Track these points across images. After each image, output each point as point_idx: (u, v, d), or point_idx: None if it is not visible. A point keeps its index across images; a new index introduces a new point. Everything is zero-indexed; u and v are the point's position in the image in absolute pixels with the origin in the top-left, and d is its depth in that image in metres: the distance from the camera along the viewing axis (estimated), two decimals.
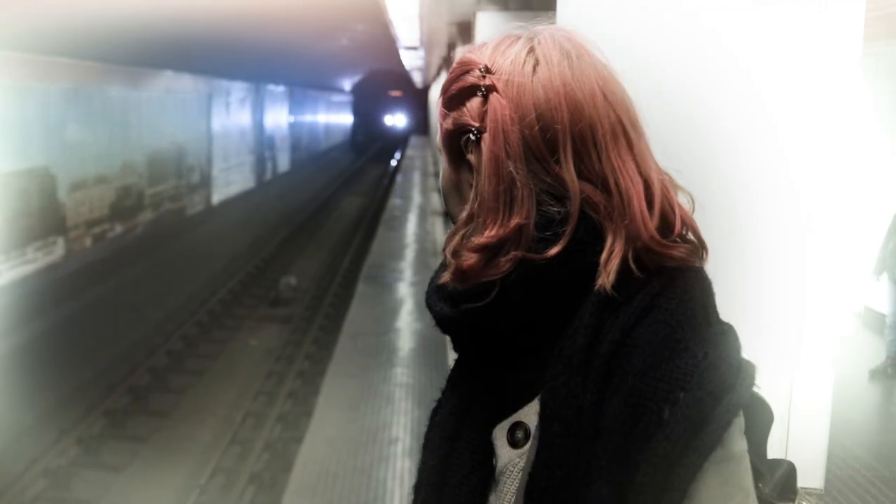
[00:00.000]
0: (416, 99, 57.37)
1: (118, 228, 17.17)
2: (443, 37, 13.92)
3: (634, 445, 1.03)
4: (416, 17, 11.46)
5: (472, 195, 1.16)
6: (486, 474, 1.19)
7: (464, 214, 1.17)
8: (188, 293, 15.46)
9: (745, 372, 1.07)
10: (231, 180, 26.13)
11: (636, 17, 2.73)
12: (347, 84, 55.88)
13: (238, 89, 26.89)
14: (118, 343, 12.23)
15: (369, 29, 16.28)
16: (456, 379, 1.30)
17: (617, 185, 1.11)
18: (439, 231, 17.55)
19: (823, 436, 1.94)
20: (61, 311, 13.17)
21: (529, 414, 1.15)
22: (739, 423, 1.06)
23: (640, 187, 1.12)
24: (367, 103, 66.01)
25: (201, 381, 11.50)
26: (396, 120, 69.60)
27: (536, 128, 1.11)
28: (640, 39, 1.94)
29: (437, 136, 1.25)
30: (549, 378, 1.10)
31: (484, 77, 1.15)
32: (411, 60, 23.30)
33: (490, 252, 1.12)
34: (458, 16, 10.36)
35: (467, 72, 1.18)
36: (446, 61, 16.77)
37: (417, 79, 36.55)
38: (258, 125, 30.26)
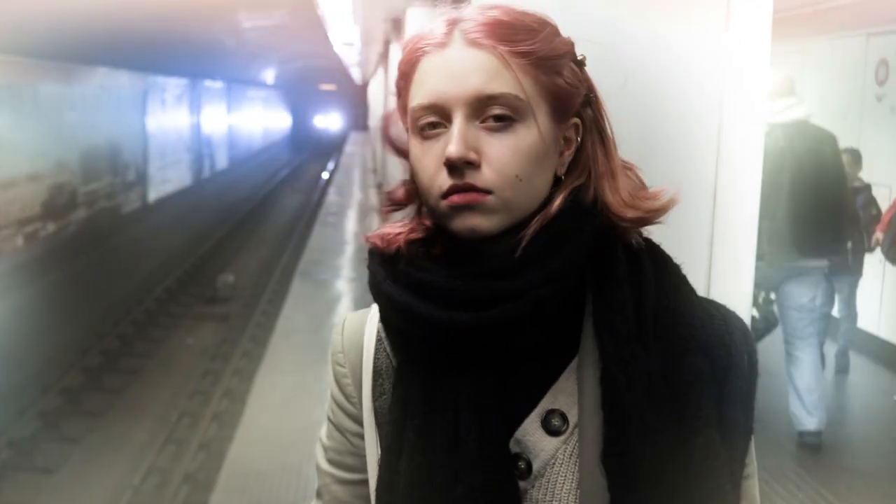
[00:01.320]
0: (355, 95, 53.08)
1: (51, 227, 16.92)
2: (379, 33, 13.92)
3: (716, 389, 1.15)
4: (350, 14, 11.44)
5: (599, 156, 1.19)
6: (513, 476, 1.14)
7: (576, 177, 1.19)
8: (124, 292, 15.27)
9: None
10: (168, 178, 25.86)
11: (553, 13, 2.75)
12: (281, 79, 49.92)
13: (174, 86, 26.61)
14: (51, 343, 12.05)
15: (303, 23, 16.20)
16: (422, 388, 1.16)
17: None
18: (375, 227, 17.51)
19: None
20: None
21: (559, 397, 1.15)
22: None
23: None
24: (294, 101, 59.79)
25: (137, 381, 11.38)
26: (329, 121, 62.33)
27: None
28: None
29: (519, 88, 1.11)
30: (611, 353, 1.11)
31: (574, 46, 1.20)
32: (349, 57, 23.23)
33: None
34: (391, 12, 10.38)
35: (556, 35, 1.17)
36: (383, 57, 16.75)
37: (356, 74, 36.37)
38: (195, 122, 29.94)
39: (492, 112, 1.09)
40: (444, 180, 1.10)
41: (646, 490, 1.08)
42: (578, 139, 1.18)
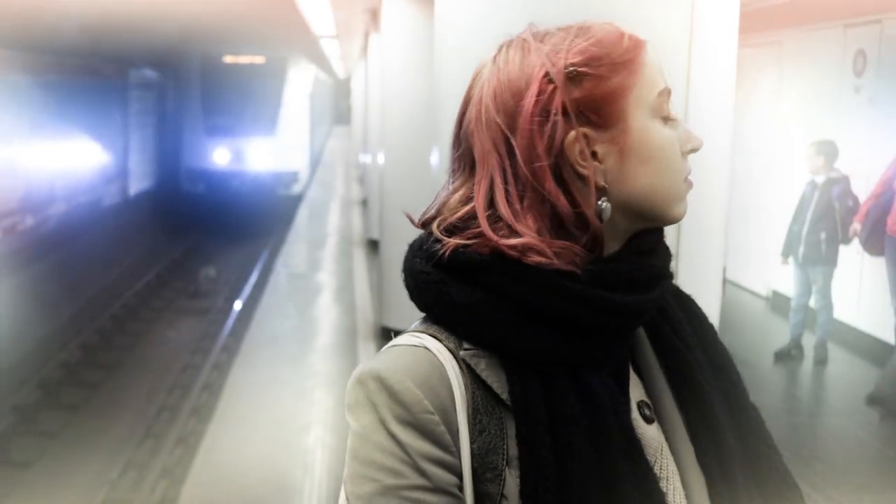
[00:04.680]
0: (334, 89, 46.64)
1: (29, 220, 16.76)
2: (359, 25, 13.88)
3: (735, 371, 1.28)
4: (327, 6, 11.38)
5: None
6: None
7: None
8: (104, 286, 15.19)
9: None
10: (148, 171, 25.57)
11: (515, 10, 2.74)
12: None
13: (153, 76, 26.28)
14: (30, 337, 11.98)
15: (286, 17, 16.09)
16: (578, 392, 1.11)
17: None
18: (356, 220, 17.50)
19: None
20: None
21: (636, 389, 1.20)
22: None
23: None
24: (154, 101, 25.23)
25: (115, 375, 11.34)
26: (254, 152, 23.53)
27: None
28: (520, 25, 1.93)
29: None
30: (687, 361, 1.22)
31: None
32: (331, 50, 23.16)
33: None
34: (368, 3, 10.34)
35: None
36: (364, 50, 16.70)
37: (338, 68, 36.11)
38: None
39: None
40: (685, 165, 1.20)
41: (733, 473, 1.18)
42: None
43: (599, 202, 1.14)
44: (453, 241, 1.14)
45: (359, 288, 11.05)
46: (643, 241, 1.19)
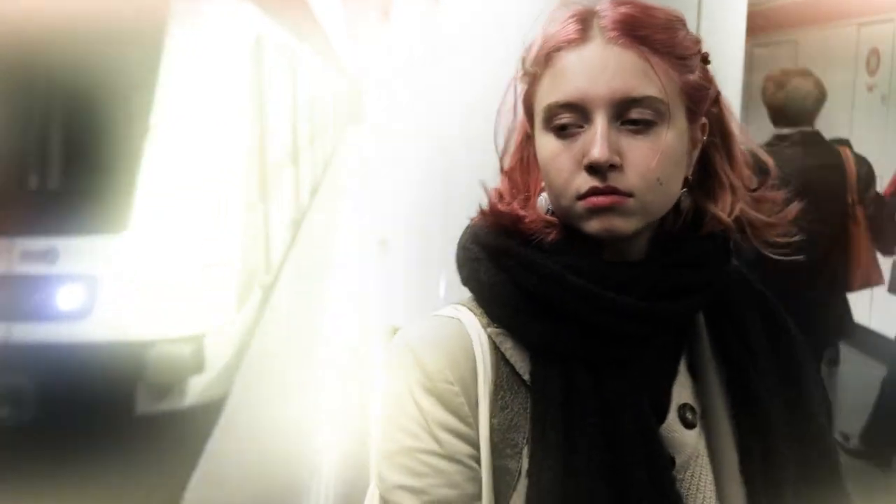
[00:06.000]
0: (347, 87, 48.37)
1: None
2: (372, 24, 13.90)
3: (810, 382, 1.22)
4: (339, 4, 11.40)
5: (723, 157, 1.19)
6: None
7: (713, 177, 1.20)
8: None
9: None
10: None
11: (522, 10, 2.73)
12: None
13: None
14: None
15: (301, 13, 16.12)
16: (593, 387, 1.10)
17: None
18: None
19: None
20: None
21: (682, 392, 1.18)
22: None
23: None
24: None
25: None
26: (64, 292, 5.60)
27: None
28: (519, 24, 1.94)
29: (662, 90, 1.08)
30: (746, 365, 1.17)
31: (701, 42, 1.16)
32: (345, 49, 23.18)
33: None
34: (381, 1, 10.34)
35: (686, 30, 1.14)
36: (376, 49, 16.71)
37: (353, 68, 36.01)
38: None
39: (633, 114, 1.07)
40: (583, 181, 1.07)
41: (780, 486, 1.14)
42: (704, 139, 1.17)
43: (540, 197, 1.17)
44: (477, 218, 1.20)
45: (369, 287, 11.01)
46: (684, 252, 1.15)
